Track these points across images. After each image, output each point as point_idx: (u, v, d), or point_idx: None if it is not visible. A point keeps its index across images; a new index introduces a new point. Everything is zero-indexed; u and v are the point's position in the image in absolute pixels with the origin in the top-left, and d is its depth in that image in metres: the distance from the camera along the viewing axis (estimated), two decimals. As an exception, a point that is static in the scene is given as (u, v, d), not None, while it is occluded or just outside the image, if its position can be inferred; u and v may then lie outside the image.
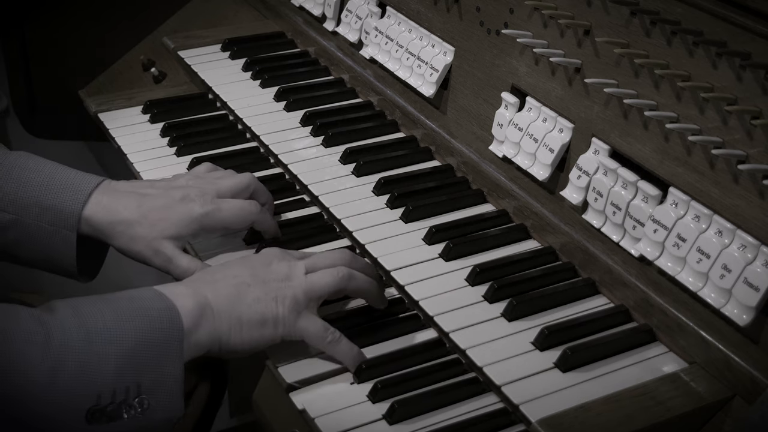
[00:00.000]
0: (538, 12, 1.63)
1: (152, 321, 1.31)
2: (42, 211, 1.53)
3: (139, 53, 2.28)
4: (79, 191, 1.54)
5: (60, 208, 1.53)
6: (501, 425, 1.34)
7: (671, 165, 1.44)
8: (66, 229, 1.54)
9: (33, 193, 1.54)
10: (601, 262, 1.52)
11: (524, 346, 1.42)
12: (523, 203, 1.66)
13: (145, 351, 1.29)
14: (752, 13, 1.32)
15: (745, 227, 1.34)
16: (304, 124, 1.94)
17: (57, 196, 1.54)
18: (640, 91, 1.48)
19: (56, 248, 1.55)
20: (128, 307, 1.31)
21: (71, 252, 1.55)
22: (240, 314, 1.37)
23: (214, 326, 1.35)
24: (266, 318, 1.38)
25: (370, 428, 1.32)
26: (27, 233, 1.54)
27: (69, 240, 1.54)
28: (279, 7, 2.27)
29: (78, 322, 1.27)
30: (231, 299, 1.38)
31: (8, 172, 1.55)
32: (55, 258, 1.56)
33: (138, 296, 1.35)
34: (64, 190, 1.54)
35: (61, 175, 1.56)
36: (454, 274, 1.56)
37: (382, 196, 1.74)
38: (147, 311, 1.31)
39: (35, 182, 1.54)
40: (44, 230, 1.54)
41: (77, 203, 1.54)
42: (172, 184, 1.61)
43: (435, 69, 1.83)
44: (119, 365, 1.27)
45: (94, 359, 1.26)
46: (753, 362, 1.31)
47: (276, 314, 1.39)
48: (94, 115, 2.05)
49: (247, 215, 1.59)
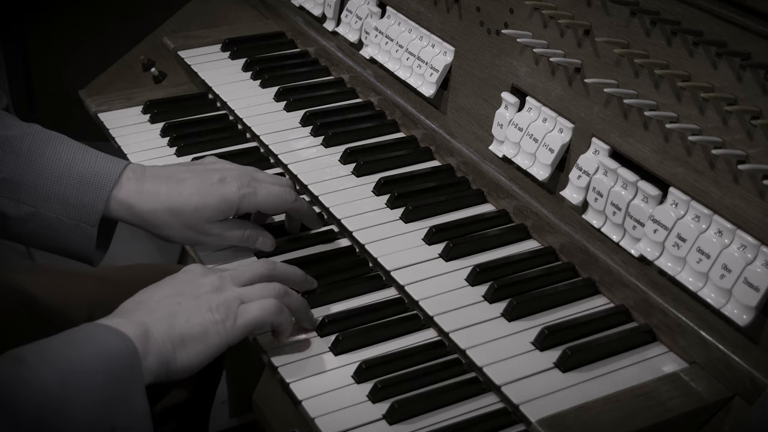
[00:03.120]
0: (538, 12, 1.63)
1: (114, 358, 1.27)
2: (64, 207, 1.53)
3: (139, 53, 2.28)
4: (101, 186, 1.54)
5: (81, 205, 1.53)
6: (501, 425, 1.34)
7: (671, 165, 1.44)
8: (87, 224, 1.54)
9: (53, 186, 1.53)
10: (601, 262, 1.52)
11: (524, 346, 1.42)
12: (523, 203, 1.66)
13: (115, 392, 1.26)
14: (752, 13, 1.32)
15: (745, 227, 1.34)
16: (304, 124, 1.94)
17: (78, 192, 1.53)
18: (640, 91, 1.48)
19: (75, 239, 1.55)
20: (90, 352, 1.26)
21: (91, 243, 1.55)
22: (180, 332, 1.35)
23: (159, 350, 1.32)
24: (207, 329, 1.36)
25: (370, 428, 1.32)
26: (46, 225, 1.54)
27: (89, 233, 1.54)
28: (279, 7, 2.27)
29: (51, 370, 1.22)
30: (166, 320, 1.35)
31: (27, 162, 1.54)
32: (72, 247, 1.57)
33: (93, 338, 1.29)
34: (86, 184, 1.54)
35: (81, 164, 1.55)
36: (454, 274, 1.56)
37: (382, 196, 1.74)
38: (108, 350, 1.27)
39: (55, 173, 1.53)
40: (64, 223, 1.54)
41: (99, 200, 1.53)
42: (208, 167, 1.62)
43: (435, 69, 1.83)
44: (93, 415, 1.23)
45: (70, 407, 1.22)
46: (753, 362, 1.31)
47: (215, 321, 1.37)
48: (94, 115, 2.05)
49: (283, 202, 1.61)
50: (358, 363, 1.41)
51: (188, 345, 1.35)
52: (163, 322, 1.35)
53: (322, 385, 1.39)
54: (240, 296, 1.41)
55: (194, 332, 1.36)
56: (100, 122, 2.03)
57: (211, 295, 1.40)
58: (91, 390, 1.24)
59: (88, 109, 2.09)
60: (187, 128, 1.97)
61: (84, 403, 1.23)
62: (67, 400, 1.22)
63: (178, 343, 1.34)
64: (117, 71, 2.28)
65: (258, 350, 1.45)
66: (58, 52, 2.51)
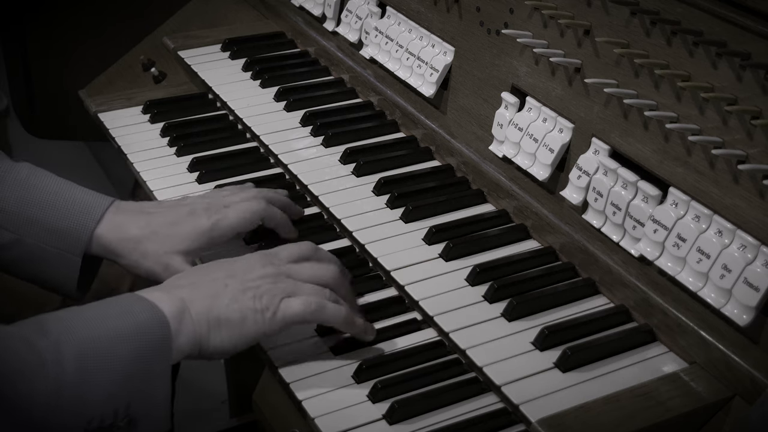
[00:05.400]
0: (538, 12, 1.63)
1: (144, 339, 1.28)
2: (48, 234, 1.52)
3: (139, 53, 2.28)
4: (88, 215, 1.53)
5: (67, 233, 1.52)
6: (501, 425, 1.34)
7: (671, 165, 1.44)
8: (72, 254, 1.52)
9: (37, 213, 1.52)
10: (601, 262, 1.52)
11: (524, 346, 1.42)
12: (523, 203, 1.66)
13: (137, 373, 1.27)
14: (752, 13, 1.32)
15: (745, 227, 1.34)
16: (304, 124, 1.94)
17: (63, 220, 1.52)
18: (640, 91, 1.48)
19: (58, 270, 1.54)
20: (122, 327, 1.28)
21: (74, 274, 1.54)
22: (218, 314, 1.35)
23: (194, 330, 1.33)
24: (245, 315, 1.36)
25: (370, 428, 1.32)
26: (28, 253, 1.53)
27: (72, 263, 1.53)
28: (279, 7, 2.27)
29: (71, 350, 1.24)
30: (208, 300, 1.35)
31: (10, 189, 1.53)
32: (54, 278, 1.55)
33: (129, 310, 1.30)
34: (71, 214, 1.52)
35: (66, 195, 1.54)
36: (454, 274, 1.56)
37: (382, 196, 1.74)
38: (139, 328, 1.28)
39: (39, 202, 1.53)
40: (47, 252, 1.52)
41: (85, 229, 1.52)
42: (180, 202, 1.61)
43: (435, 69, 1.83)
44: (111, 392, 1.25)
45: (86, 389, 1.23)
46: (753, 362, 1.31)
47: (255, 310, 1.37)
48: (94, 115, 2.05)
49: (253, 214, 1.58)
50: (358, 363, 1.41)
51: (223, 328, 1.35)
52: (203, 301, 1.35)
53: (322, 385, 1.39)
54: (288, 290, 1.40)
55: (232, 317, 1.36)
56: (100, 122, 2.03)
57: (259, 282, 1.39)
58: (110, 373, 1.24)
59: (88, 109, 2.09)
60: (187, 128, 1.97)
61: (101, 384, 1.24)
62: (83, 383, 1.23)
63: (215, 324, 1.35)
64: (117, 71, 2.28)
65: (258, 350, 1.45)
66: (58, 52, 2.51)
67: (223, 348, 1.36)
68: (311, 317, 1.40)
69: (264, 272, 1.41)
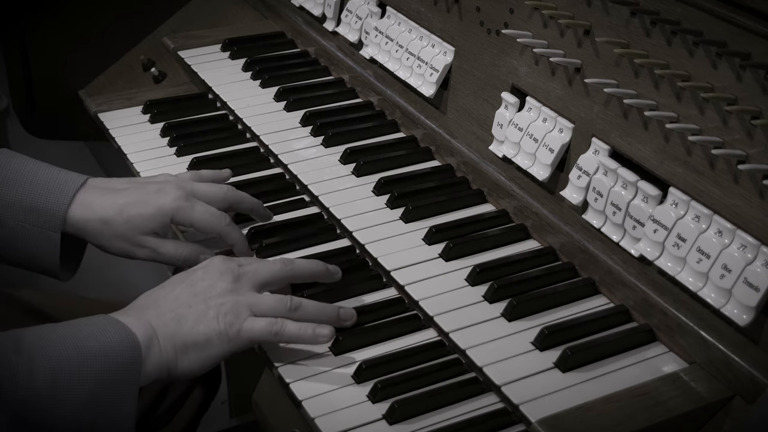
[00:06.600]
0: (538, 12, 1.63)
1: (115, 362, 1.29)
2: (26, 212, 1.52)
3: (139, 53, 2.28)
4: (63, 192, 1.53)
5: (44, 209, 1.52)
6: (501, 425, 1.34)
7: (671, 165, 1.44)
8: (50, 230, 1.53)
9: (16, 193, 1.53)
10: (601, 262, 1.52)
11: (524, 346, 1.42)
12: (523, 203, 1.66)
13: (105, 395, 1.28)
14: (752, 13, 1.32)
15: (745, 227, 1.34)
16: (304, 124, 1.94)
17: (41, 197, 1.52)
18: (640, 91, 1.48)
19: (40, 248, 1.54)
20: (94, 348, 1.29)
21: (55, 251, 1.54)
22: (184, 339, 1.36)
23: (161, 356, 1.34)
24: (210, 338, 1.37)
25: (370, 428, 1.32)
26: (11, 234, 1.53)
27: (53, 240, 1.53)
28: (279, 7, 2.27)
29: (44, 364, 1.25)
30: (173, 325, 1.36)
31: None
32: (38, 257, 1.55)
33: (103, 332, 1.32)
34: (48, 191, 1.53)
35: (44, 174, 1.55)
36: (454, 274, 1.56)
37: (382, 196, 1.74)
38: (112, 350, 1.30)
39: (18, 182, 1.53)
40: (28, 231, 1.53)
41: (61, 205, 1.52)
42: (149, 179, 1.61)
43: (435, 69, 1.83)
44: (78, 411, 1.26)
45: (55, 406, 1.25)
46: (753, 362, 1.31)
47: (219, 331, 1.38)
48: (94, 115, 2.05)
49: (214, 226, 1.58)
50: (358, 363, 1.41)
51: (191, 352, 1.37)
52: (169, 326, 1.36)
53: (322, 385, 1.39)
54: (251, 305, 1.41)
55: (198, 340, 1.37)
56: (100, 122, 2.03)
57: (222, 299, 1.40)
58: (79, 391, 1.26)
59: (88, 109, 2.09)
60: (187, 128, 1.97)
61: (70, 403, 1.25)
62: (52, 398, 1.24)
63: (181, 349, 1.36)
64: (117, 71, 2.28)
65: (258, 350, 1.45)
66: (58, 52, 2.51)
67: (191, 370, 1.38)
68: (274, 339, 1.41)
69: (225, 287, 1.41)
